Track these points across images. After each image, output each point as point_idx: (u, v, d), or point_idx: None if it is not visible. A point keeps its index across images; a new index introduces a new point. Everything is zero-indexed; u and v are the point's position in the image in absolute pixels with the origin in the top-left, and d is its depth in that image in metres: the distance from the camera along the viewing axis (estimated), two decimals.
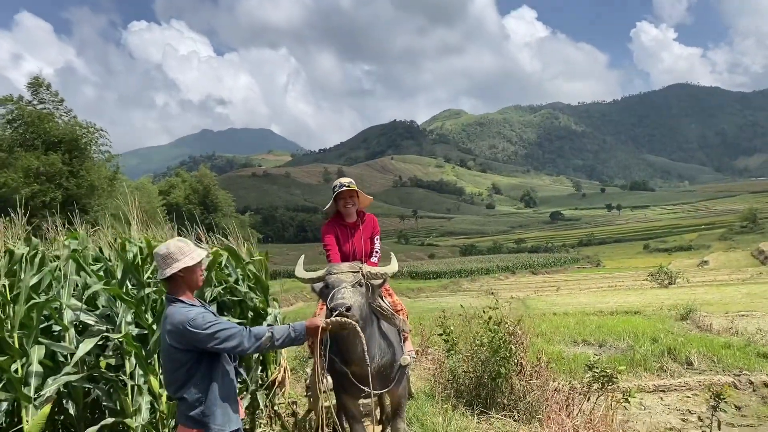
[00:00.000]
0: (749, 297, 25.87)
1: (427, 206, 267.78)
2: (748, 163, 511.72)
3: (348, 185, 4.71)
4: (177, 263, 3.10)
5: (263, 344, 3.08)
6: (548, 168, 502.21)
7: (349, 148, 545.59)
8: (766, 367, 11.40)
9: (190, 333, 2.97)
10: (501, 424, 5.12)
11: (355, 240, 4.90)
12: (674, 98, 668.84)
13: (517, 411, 5.36)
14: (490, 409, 5.47)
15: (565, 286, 45.91)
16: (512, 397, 5.47)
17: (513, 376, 5.53)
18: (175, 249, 3.14)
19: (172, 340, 3.03)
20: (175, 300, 3.13)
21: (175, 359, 3.07)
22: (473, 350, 5.89)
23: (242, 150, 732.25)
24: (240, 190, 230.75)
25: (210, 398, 3.06)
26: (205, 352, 3.06)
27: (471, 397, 5.67)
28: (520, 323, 5.99)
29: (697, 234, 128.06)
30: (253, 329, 3.12)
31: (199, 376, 3.07)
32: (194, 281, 3.22)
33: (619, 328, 14.92)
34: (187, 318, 2.99)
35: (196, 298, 3.30)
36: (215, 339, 2.97)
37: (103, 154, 38.89)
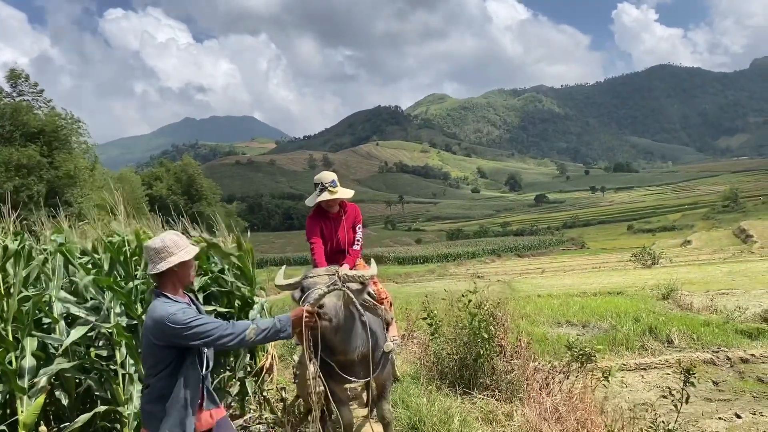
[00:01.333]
0: (730, 275, 26.35)
1: (413, 191, 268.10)
2: (729, 142, 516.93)
3: (329, 187, 4.76)
4: (172, 257, 3.07)
5: (246, 338, 3.04)
6: (533, 151, 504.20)
7: (334, 134, 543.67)
8: (743, 344, 11.72)
9: (169, 328, 2.92)
10: (483, 404, 5.29)
11: (339, 230, 5.00)
12: (656, 79, 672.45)
13: (499, 390, 5.54)
14: (473, 389, 5.65)
15: (549, 268, 46.35)
16: (494, 378, 5.65)
17: (494, 356, 5.71)
18: (171, 243, 3.09)
19: (151, 335, 2.99)
20: (160, 294, 3.09)
21: (152, 354, 3.04)
22: (456, 333, 6.06)
23: (225, 138, 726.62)
24: (224, 179, 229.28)
25: (171, 399, 3.00)
26: (180, 352, 3.03)
27: (455, 378, 5.84)
28: (500, 305, 6.16)
29: (680, 214, 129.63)
30: (235, 324, 3.08)
31: (167, 373, 3.02)
32: (187, 276, 3.19)
33: (602, 309, 15.19)
34: (168, 313, 2.95)
35: (185, 293, 3.28)
36: (195, 335, 2.94)
37: (81, 145, 38.58)
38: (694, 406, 8.69)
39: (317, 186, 4.79)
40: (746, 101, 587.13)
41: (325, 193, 4.75)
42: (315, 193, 4.82)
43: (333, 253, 5.00)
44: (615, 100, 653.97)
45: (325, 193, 4.74)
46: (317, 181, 4.81)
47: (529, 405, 4.88)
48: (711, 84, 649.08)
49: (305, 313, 3.29)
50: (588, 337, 12.02)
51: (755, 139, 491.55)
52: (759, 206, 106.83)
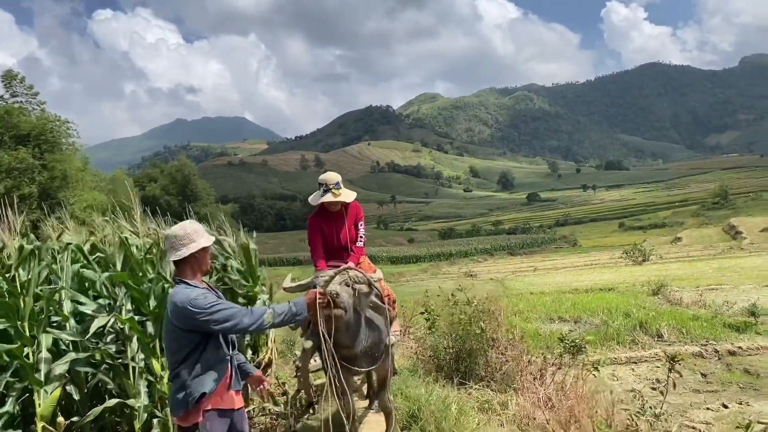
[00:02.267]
0: (719, 271, 26.70)
1: (406, 191, 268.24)
2: (719, 140, 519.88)
3: (333, 189, 4.84)
4: (194, 244, 3.19)
5: (265, 322, 3.15)
6: (524, 150, 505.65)
7: (325, 134, 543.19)
8: (731, 337, 11.99)
9: (190, 312, 3.02)
10: (479, 394, 5.50)
11: (341, 228, 5.07)
12: (646, 78, 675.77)
13: (494, 381, 5.75)
14: (468, 380, 5.86)
15: (542, 266, 46.63)
16: (489, 369, 5.86)
17: (488, 349, 5.92)
18: (192, 230, 3.22)
19: (175, 320, 3.10)
20: (181, 281, 3.19)
21: (177, 339, 3.14)
22: (451, 327, 6.26)
23: (217, 139, 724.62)
24: (217, 180, 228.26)
25: (197, 382, 3.09)
26: (205, 337, 3.13)
27: (451, 370, 6.04)
28: (493, 301, 6.37)
29: (671, 211, 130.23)
30: (253, 309, 3.19)
31: (193, 359, 3.12)
32: (206, 263, 3.31)
33: (594, 305, 15.43)
34: (189, 298, 3.05)
35: (203, 281, 3.37)
36: (216, 320, 3.03)
37: (70, 147, 38.54)
38: (683, 397, 8.95)
39: (321, 186, 4.86)
40: (736, 99, 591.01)
41: (329, 194, 4.81)
42: (318, 192, 4.89)
43: (336, 251, 5.07)
44: (605, 98, 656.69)
45: (329, 195, 4.81)
46: (322, 182, 4.88)
47: (523, 394, 5.08)
48: (700, 82, 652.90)
49: (318, 295, 3.44)
50: (580, 332, 12.27)
51: (745, 136, 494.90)
52: (749, 203, 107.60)
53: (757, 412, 7.76)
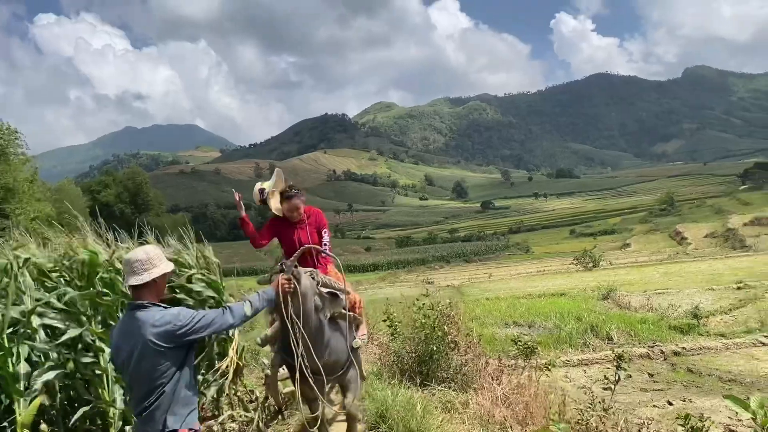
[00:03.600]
0: (666, 276, 27.78)
1: (362, 199, 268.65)
2: (665, 148, 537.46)
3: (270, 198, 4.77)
4: (156, 269, 3.17)
5: (246, 313, 3.31)
6: (478, 158, 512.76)
7: (280, 142, 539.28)
8: (675, 338, 12.64)
9: (179, 327, 3.04)
10: (441, 394, 5.77)
11: (302, 236, 4.85)
12: (595, 87, 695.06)
13: (455, 382, 6.04)
14: (431, 382, 6.13)
15: (497, 273, 47.46)
16: (450, 371, 6.15)
17: (449, 352, 6.21)
18: (154, 255, 3.21)
19: (161, 341, 3.03)
20: (147, 305, 3.13)
21: (158, 362, 3.06)
22: (414, 333, 6.52)
23: (168, 147, 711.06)
24: (168, 189, 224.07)
25: (183, 398, 3.14)
26: (186, 353, 3.16)
27: (414, 373, 6.30)
28: (453, 306, 6.69)
29: (620, 218, 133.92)
30: (231, 306, 3.30)
31: (175, 379, 3.12)
32: (164, 288, 3.31)
33: (547, 310, 15.97)
34: (173, 314, 3.07)
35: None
36: (201, 327, 3.10)
37: (18, 156, 37.35)
38: (631, 396, 9.42)
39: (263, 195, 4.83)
40: (680, 109, 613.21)
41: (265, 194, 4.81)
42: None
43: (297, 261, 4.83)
44: (556, 108, 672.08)
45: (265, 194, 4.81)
46: (261, 193, 4.84)
47: (482, 394, 5.38)
48: (647, 92, 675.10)
49: (283, 279, 3.67)
50: (533, 335, 12.71)
51: (689, 144, 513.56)
52: (693, 209, 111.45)
53: (699, 408, 8.25)
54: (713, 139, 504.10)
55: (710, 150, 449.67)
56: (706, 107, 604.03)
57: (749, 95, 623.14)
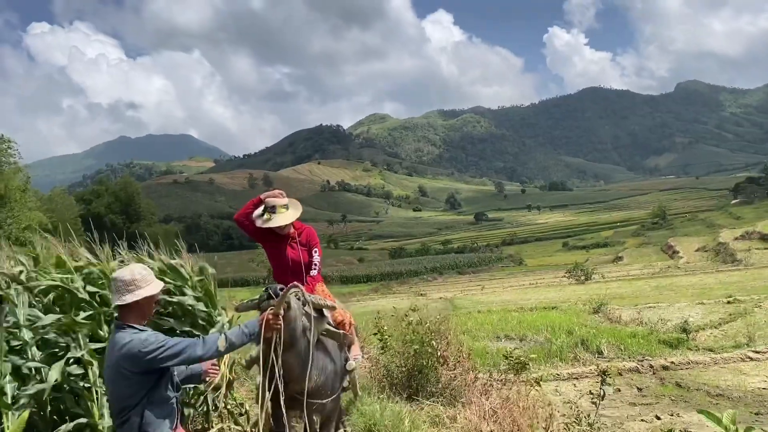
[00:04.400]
0: (657, 290, 27.84)
1: (356, 210, 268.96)
2: (657, 162, 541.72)
3: (274, 212, 4.62)
4: (140, 290, 3.18)
5: (220, 347, 3.18)
6: (471, 170, 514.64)
7: (274, 153, 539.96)
8: (665, 352, 12.69)
9: (145, 354, 3.04)
10: (430, 409, 5.81)
11: (291, 250, 4.75)
12: (588, 101, 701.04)
13: (443, 397, 6.08)
14: (419, 396, 6.18)
15: (489, 285, 47.47)
16: (439, 386, 6.20)
17: (438, 366, 6.26)
18: (140, 276, 3.20)
19: (127, 365, 3.08)
20: (126, 326, 3.16)
21: (130, 384, 3.12)
22: (403, 347, 6.57)
23: (162, 156, 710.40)
24: (161, 199, 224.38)
25: (154, 426, 3.14)
26: (156, 379, 3.17)
27: (403, 387, 6.35)
28: (443, 321, 6.74)
29: (612, 231, 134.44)
30: (206, 337, 3.23)
31: (144, 403, 3.14)
32: (151, 310, 3.32)
33: (538, 323, 16.00)
34: (140, 340, 3.07)
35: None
36: (168, 357, 3.08)
37: (10, 166, 37.35)
38: (619, 410, 9.46)
39: (267, 209, 4.65)
40: (672, 123, 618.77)
41: (261, 219, 4.66)
42: (259, 212, 4.73)
43: (286, 274, 4.69)
44: (549, 121, 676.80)
45: (261, 220, 4.65)
46: (269, 205, 4.65)
47: (470, 408, 5.42)
48: (639, 106, 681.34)
49: (270, 315, 3.41)
50: (524, 349, 12.75)
51: (681, 158, 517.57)
52: (685, 223, 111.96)
53: (686, 422, 8.30)
54: (705, 154, 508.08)
55: (702, 164, 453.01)
56: (698, 121, 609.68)
57: (741, 110, 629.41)
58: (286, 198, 4.80)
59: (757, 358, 11.23)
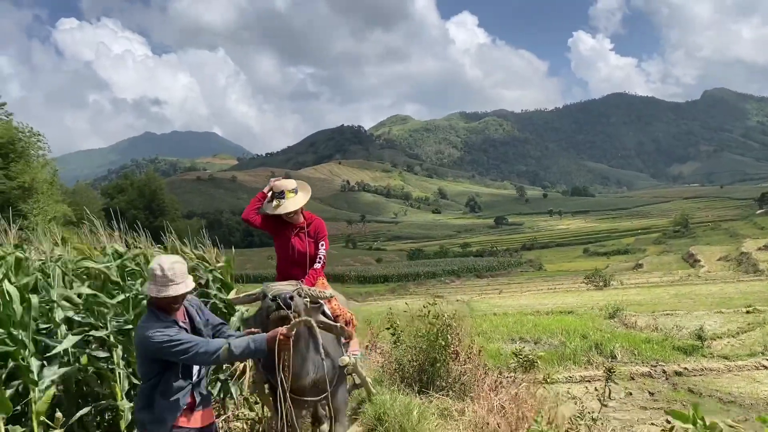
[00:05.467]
0: (676, 298, 27.67)
1: (375, 211, 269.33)
2: (681, 170, 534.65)
3: (276, 198, 4.60)
4: (177, 286, 3.27)
5: (221, 356, 3.24)
6: (493, 173, 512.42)
7: (296, 152, 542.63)
8: (678, 358, 12.70)
9: (151, 345, 3.20)
10: (439, 402, 5.97)
11: (298, 241, 4.71)
12: (613, 107, 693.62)
13: (453, 391, 6.24)
14: (430, 389, 6.34)
15: (507, 289, 47.45)
16: (449, 380, 6.35)
17: (450, 361, 6.42)
18: (179, 272, 3.30)
19: (141, 347, 3.30)
20: (153, 310, 3.33)
21: (142, 363, 3.38)
22: (416, 342, 6.74)
23: (186, 153, 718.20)
24: (185, 194, 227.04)
25: (155, 407, 3.29)
26: (167, 364, 3.29)
27: (414, 381, 6.51)
28: (456, 317, 6.89)
29: (633, 238, 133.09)
30: (210, 342, 3.27)
31: (152, 383, 3.32)
32: (180, 303, 3.40)
33: (553, 327, 16.06)
34: (150, 330, 3.21)
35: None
36: (172, 354, 3.20)
37: (39, 159, 38.14)
38: (630, 413, 9.52)
39: (275, 195, 4.63)
40: (698, 131, 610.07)
41: (270, 206, 4.64)
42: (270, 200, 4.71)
43: (290, 265, 4.72)
44: (573, 125, 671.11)
45: (270, 207, 4.65)
46: (278, 190, 4.63)
47: (478, 403, 5.56)
48: (664, 113, 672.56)
49: (280, 336, 3.33)
50: (534, 350, 12.84)
51: (706, 167, 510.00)
52: (708, 232, 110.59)
53: None
54: (730, 162, 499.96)
55: (727, 173, 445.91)
56: (724, 130, 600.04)
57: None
58: (294, 181, 4.80)
59: None
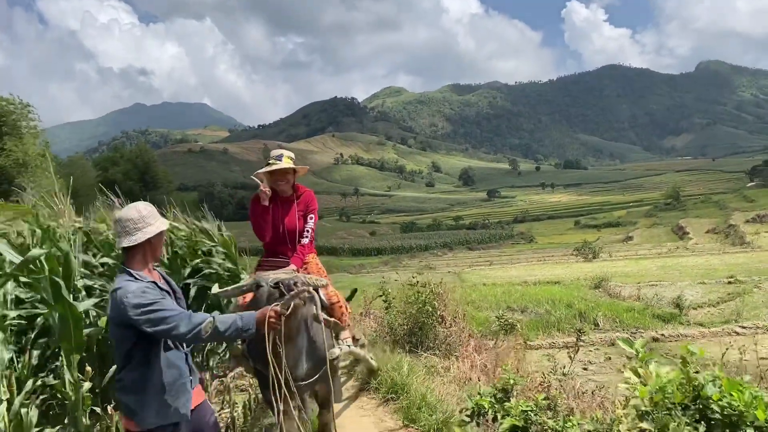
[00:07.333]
0: (663, 269, 28.44)
1: (368, 184, 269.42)
2: (675, 142, 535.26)
3: (271, 160, 4.34)
4: (150, 227, 2.88)
5: (203, 331, 2.72)
6: (486, 146, 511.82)
7: (289, 124, 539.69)
8: (657, 326, 13.41)
9: (124, 309, 2.70)
10: (426, 360, 6.53)
11: (287, 217, 4.46)
12: (607, 79, 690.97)
13: (439, 351, 6.81)
14: (418, 350, 6.90)
15: (498, 261, 48.18)
16: (436, 342, 6.91)
17: (436, 325, 6.97)
18: (147, 213, 2.91)
19: (112, 313, 2.81)
20: (125, 270, 2.87)
21: (116, 335, 2.87)
22: (405, 307, 7.29)
23: (177, 125, 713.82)
24: (176, 167, 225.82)
25: (147, 388, 2.81)
26: (145, 337, 2.78)
27: (404, 342, 7.07)
28: (442, 284, 7.45)
29: (625, 211, 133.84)
30: (193, 315, 2.77)
31: (137, 361, 2.82)
32: (159, 249, 3.02)
33: (540, 296, 16.74)
34: (126, 291, 2.73)
35: (155, 270, 3.08)
36: (148, 320, 2.70)
37: (30, 130, 38.08)
38: (608, 376, 10.19)
39: (270, 161, 4.37)
40: (692, 103, 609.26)
41: (281, 159, 4.33)
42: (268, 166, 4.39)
43: (278, 242, 4.48)
44: (567, 98, 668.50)
45: (281, 159, 4.33)
46: (272, 154, 4.43)
47: (463, 361, 6.11)
48: (659, 85, 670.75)
49: (272, 313, 2.96)
50: (525, 321, 13.46)
51: (699, 139, 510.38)
52: (698, 204, 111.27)
53: None
54: (724, 135, 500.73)
55: (720, 146, 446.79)
56: (718, 102, 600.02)
57: (762, 92, 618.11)
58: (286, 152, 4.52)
59: (743, 333, 11.89)
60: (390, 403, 5.24)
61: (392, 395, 5.28)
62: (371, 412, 5.13)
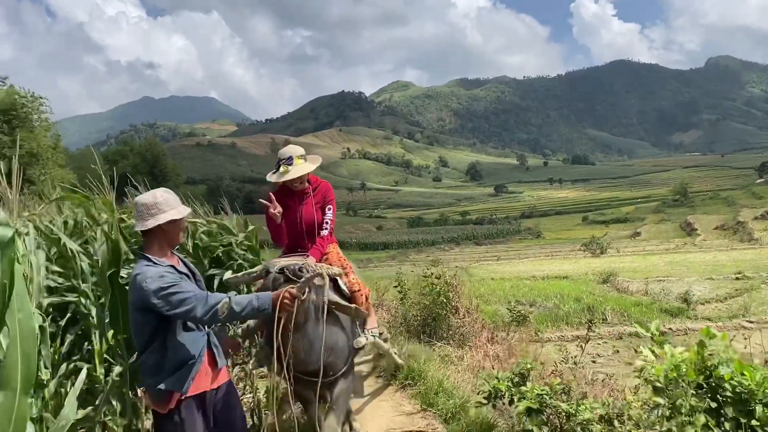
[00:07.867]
0: (670, 265, 28.50)
1: (375, 178, 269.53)
2: (683, 138, 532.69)
3: (283, 164, 4.17)
4: (163, 215, 2.92)
5: (219, 311, 2.79)
6: (494, 141, 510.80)
7: (296, 118, 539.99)
8: (665, 320, 13.53)
9: (144, 292, 2.78)
10: (441, 349, 6.71)
11: (305, 208, 4.36)
12: (616, 74, 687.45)
13: (453, 341, 7.00)
14: (432, 340, 7.09)
15: (505, 256, 48.31)
16: (449, 332, 7.10)
17: (450, 315, 7.16)
18: (162, 200, 2.95)
19: (132, 298, 2.90)
20: (143, 256, 2.95)
21: (137, 319, 2.93)
22: (420, 299, 7.48)
23: (184, 119, 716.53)
24: (184, 161, 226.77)
25: (165, 368, 2.90)
26: (165, 320, 2.87)
27: (418, 332, 7.27)
28: (456, 276, 7.64)
29: (633, 207, 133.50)
30: (210, 296, 2.84)
31: (159, 342, 2.91)
32: (176, 237, 3.05)
33: (548, 291, 16.89)
34: (145, 276, 2.81)
35: (174, 253, 3.14)
36: (167, 302, 2.78)
37: (42, 123, 38.42)
38: (616, 368, 10.34)
39: (280, 163, 4.21)
40: (701, 99, 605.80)
41: (277, 174, 4.20)
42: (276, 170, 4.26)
43: (297, 236, 4.40)
44: (575, 93, 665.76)
45: (278, 174, 4.19)
46: (281, 157, 4.24)
47: (476, 351, 6.30)
48: (668, 81, 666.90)
49: (286, 294, 2.97)
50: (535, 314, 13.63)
51: (707, 135, 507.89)
52: (706, 201, 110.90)
53: None
54: (733, 131, 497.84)
55: (729, 142, 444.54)
56: (727, 98, 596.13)
57: None
58: (301, 148, 4.40)
59: (750, 327, 12.01)
60: (407, 388, 5.43)
61: (409, 381, 5.48)
62: (389, 397, 5.33)
